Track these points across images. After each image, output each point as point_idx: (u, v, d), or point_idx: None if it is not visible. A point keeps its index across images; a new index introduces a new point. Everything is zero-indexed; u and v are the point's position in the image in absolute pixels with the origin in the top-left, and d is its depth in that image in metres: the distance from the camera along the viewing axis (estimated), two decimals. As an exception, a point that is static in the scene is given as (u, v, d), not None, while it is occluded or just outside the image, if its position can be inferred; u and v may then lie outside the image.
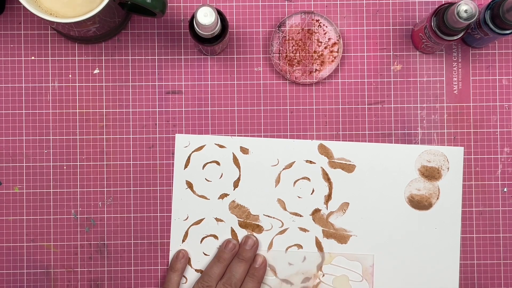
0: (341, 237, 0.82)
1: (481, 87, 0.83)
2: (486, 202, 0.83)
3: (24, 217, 0.82)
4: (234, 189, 0.83)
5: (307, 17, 0.82)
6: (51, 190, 0.82)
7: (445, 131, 0.83)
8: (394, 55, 0.83)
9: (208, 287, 0.79)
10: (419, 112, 0.83)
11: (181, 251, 0.81)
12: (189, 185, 0.82)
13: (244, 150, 0.83)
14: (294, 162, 0.82)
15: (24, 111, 0.82)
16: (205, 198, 0.82)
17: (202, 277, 0.80)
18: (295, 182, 0.82)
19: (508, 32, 0.75)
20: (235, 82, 0.83)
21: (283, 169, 0.82)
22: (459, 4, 0.70)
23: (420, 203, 0.82)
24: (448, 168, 0.82)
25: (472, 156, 0.83)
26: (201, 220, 0.82)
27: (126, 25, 0.83)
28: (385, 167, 0.82)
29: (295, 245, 0.82)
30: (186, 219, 0.82)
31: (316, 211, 0.82)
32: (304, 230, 0.82)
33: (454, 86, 0.83)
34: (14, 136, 0.82)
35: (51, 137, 0.82)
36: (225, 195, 0.83)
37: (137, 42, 0.83)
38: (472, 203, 0.83)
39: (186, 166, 0.82)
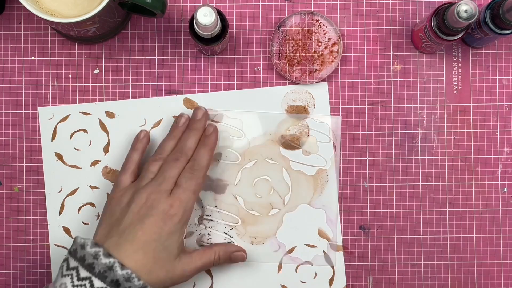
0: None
1: (481, 87, 0.83)
2: (486, 202, 0.83)
3: (24, 217, 0.82)
4: (105, 155, 0.82)
5: (307, 17, 0.82)
6: (51, 190, 0.82)
7: (445, 131, 0.83)
8: (394, 55, 0.83)
9: (159, 159, 0.78)
10: (419, 112, 0.83)
11: (142, 131, 0.81)
12: (59, 157, 0.82)
13: (110, 114, 0.82)
14: (161, 119, 0.82)
15: (24, 111, 0.82)
16: (77, 167, 0.82)
17: (155, 151, 0.79)
18: None
19: (508, 32, 0.75)
20: (235, 82, 0.83)
21: (152, 127, 0.82)
22: (459, 4, 0.70)
23: (292, 143, 0.82)
24: (314, 105, 0.82)
25: (472, 156, 0.83)
26: (76, 190, 0.82)
27: (126, 25, 0.83)
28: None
29: None
30: (60, 191, 0.82)
31: None
32: None
33: (454, 86, 0.83)
34: (14, 136, 0.82)
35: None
36: (97, 161, 0.82)
37: (137, 42, 0.83)
38: (472, 203, 0.83)
39: (53, 138, 0.82)
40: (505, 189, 0.83)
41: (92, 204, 0.82)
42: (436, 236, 0.83)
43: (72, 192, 0.82)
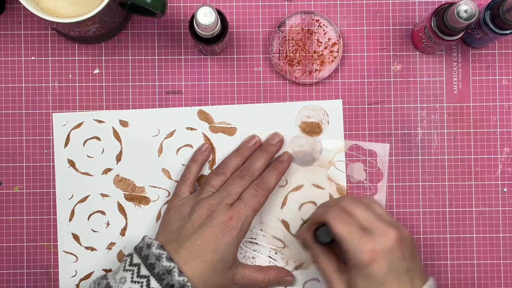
0: None
1: (481, 87, 0.83)
2: (486, 202, 0.83)
3: (24, 217, 0.82)
4: (117, 163, 0.82)
5: (307, 17, 0.82)
6: (51, 190, 0.82)
7: (445, 131, 0.83)
8: (394, 55, 0.83)
9: (222, 173, 0.78)
10: (419, 112, 0.83)
11: (204, 144, 0.81)
12: (71, 164, 0.82)
13: (124, 123, 0.82)
14: (175, 130, 0.82)
15: (24, 111, 0.82)
16: (89, 174, 0.82)
17: (218, 165, 0.80)
18: (178, 150, 0.82)
19: (508, 32, 0.75)
20: (235, 82, 0.83)
21: (165, 138, 0.82)
22: (459, 4, 0.70)
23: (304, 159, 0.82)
24: (328, 122, 0.82)
25: (472, 156, 0.83)
26: (87, 197, 0.82)
27: (126, 25, 0.83)
28: (266, 127, 0.82)
29: None
30: (71, 197, 0.82)
31: (202, 177, 0.82)
32: None
33: (454, 86, 0.83)
34: (14, 136, 0.82)
35: (51, 137, 0.82)
36: (109, 170, 0.82)
37: (137, 42, 0.83)
38: (472, 203, 0.83)
39: (66, 144, 0.82)
40: (505, 189, 0.83)
41: (103, 212, 0.82)
42: (436, 236, 0.83)
43: (83, 199, 0.82)
